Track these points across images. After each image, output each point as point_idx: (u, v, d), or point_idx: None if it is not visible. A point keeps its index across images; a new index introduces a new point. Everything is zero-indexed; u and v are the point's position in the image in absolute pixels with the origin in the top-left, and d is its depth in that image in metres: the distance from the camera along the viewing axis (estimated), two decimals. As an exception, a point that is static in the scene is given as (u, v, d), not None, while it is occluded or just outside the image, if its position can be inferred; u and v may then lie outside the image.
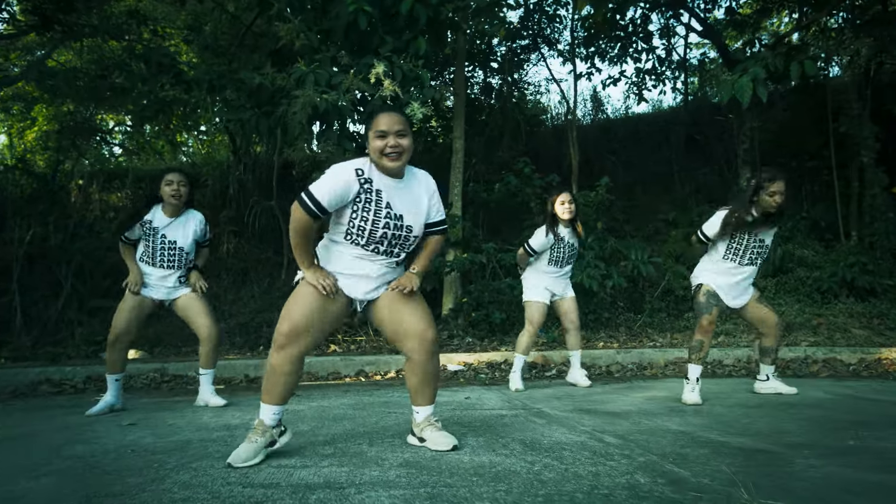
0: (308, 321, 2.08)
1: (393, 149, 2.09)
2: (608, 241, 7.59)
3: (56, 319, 7.52)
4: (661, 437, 2.29)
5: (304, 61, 5.64)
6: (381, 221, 2.12)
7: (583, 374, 4.27)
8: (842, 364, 5.03)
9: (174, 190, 3.34)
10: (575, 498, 1.52)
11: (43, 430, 2.81)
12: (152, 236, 3.37)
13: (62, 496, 1.63)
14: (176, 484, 1.74)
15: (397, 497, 1.56)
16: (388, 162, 2.11)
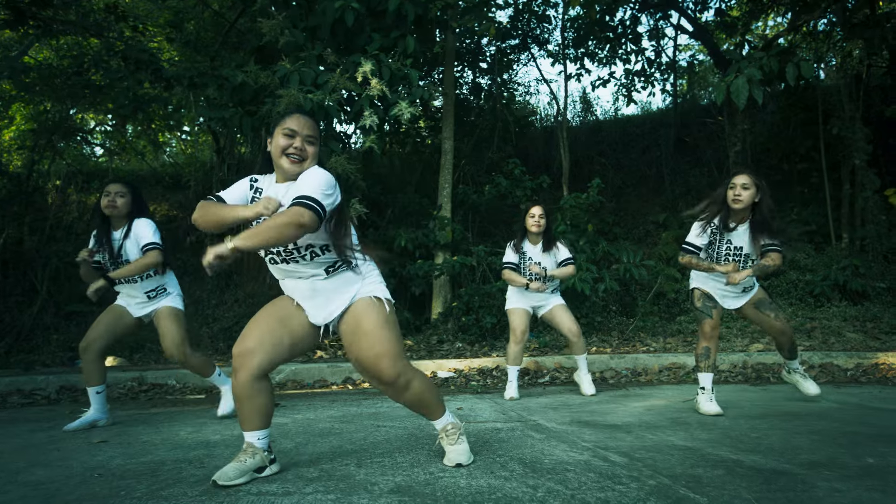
0: (259, 338, 1.93)
1: (297, 150, 1.95)
2: (600, 243, 7.48)
3: (31, 325, 7.26)
4: (668, 455, 2.16)
5: (288, 59, 5.47)
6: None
7: (589, 381, 4.12)
8: (839, 369, 4.95)
9: (107, 201, 3.09)
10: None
11: (3, 450, 2.61)
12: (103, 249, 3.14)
13: (13, 534, 1.45)
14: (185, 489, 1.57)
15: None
16: (287, 164, 1.95)
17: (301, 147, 1.94)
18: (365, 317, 1.98)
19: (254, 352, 1.91)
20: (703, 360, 3.24)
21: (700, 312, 3.32)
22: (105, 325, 3.16)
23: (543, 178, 7.63)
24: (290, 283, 2.06)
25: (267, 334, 1.94)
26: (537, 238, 4.08)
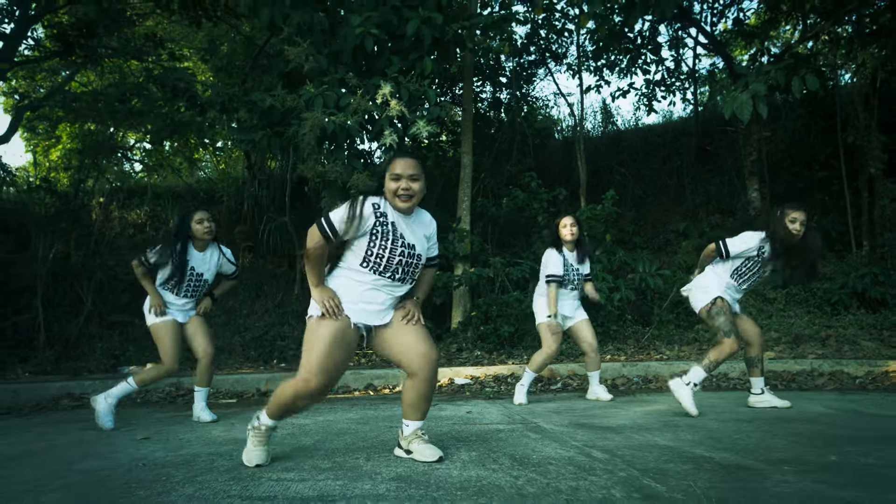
0: (335, 369, 2.23)
1: (405, 191, 2.26)
2: (617, 253, 7.64)
3: (77, 335, 7.75)
4: (647, 453, 2.36)
5: (313, 83, 5.82)
6: (397, 250, 2.29)
7: (603, 389, 4.31)
8: (848, 377, 5.02)
9: (207, 227, 3.58)
10: (550, 512, 1.61)
11: (59, 444, 2.96)
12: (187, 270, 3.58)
13: (75, 508, 1.76)
14: (181, 497, 1.86)
15: None
16: (399, 203, 2.28)
17: (407, 187, 2.27)
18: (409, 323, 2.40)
19: (328, 384, 2.24)
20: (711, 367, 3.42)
21: (726, 329, 3.41)
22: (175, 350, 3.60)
23: (560, 191, 7.84)
24: (370, 295, 2.34)
25: (341, 363, 2.26)
26: (572, 246, 4.30)
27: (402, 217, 2.34)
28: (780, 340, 6.45)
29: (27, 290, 7.90)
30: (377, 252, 2.27)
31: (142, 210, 10.47)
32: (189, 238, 3.63)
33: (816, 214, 8.73)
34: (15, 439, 3.16)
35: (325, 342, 2.20)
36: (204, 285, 3.71)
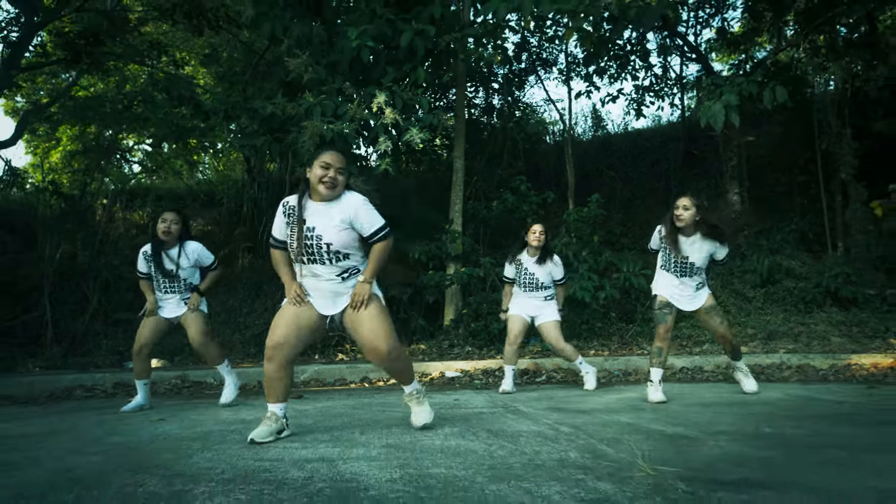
0: (286, 336, 2.59)
1: (330, 180, 2.57)
2: (603, 253, 7.96)
3: (83, 332, 8.04)
4: (608, 428, 2.69)
5: (312, 93, 6.14)
6: (295, 234, 2.61)
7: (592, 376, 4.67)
8: (813, 370, 5.35)
9: (164, 227, 3.86)
10: (513, 467, 1.93)
11: (83, 424, 3.27)
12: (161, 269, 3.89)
13: (111, 468, 2.07)
14: (202, 459, 2.17)
15: (374, 466, 1.98)
16: (321, 188, 2.58)
17: (333, 177, 2.56)
18: (367, 312, 2.62)
19: (282, 346, 2.57)
20: (656, 358, 3.77)
21: (658, 317, 3.85)
22: (149, 333, 3.93)
23: (548, 194, 8.17)
24: (310, 283, 2.67)
25: (293, 332, 2.59)
26: (535, 251, 4.67)
27: (316, 204, 2.62)
28: (755, 336, 6.79)
29: (35, 289, 8.19)
30: (289, 242, 2.65)
31: (144, 211, 10.76)
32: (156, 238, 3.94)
33: (796, 217, 9.09)
34: (40, 422, 3.46)
35: (282, 316, 2.63)
36: (181, 280, 3.94)
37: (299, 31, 6.07)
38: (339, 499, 1.58)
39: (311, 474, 1.88)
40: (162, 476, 1.91)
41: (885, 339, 6.18)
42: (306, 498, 1.60)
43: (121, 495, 1.68)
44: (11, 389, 5.17)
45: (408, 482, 1.75)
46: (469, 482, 1.73)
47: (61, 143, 13.56)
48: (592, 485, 1.67)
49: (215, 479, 1.85)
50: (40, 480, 1.89)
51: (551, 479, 1.74)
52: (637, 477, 1.74)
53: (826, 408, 3.23)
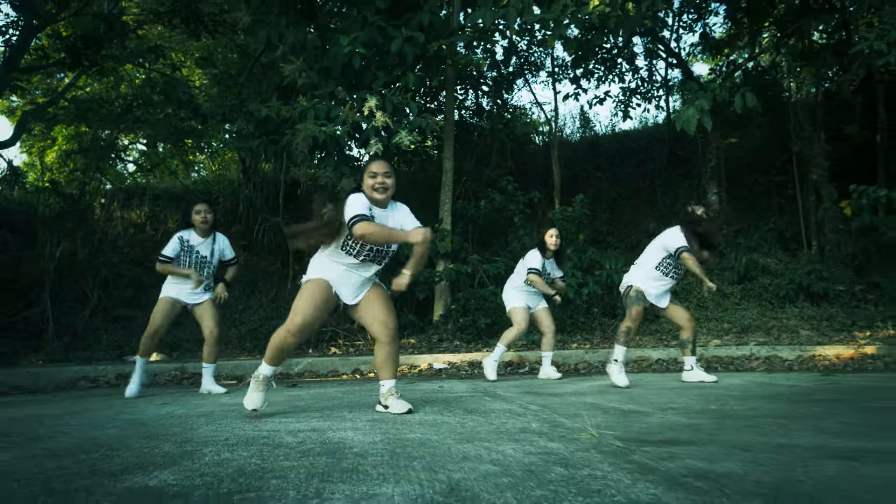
0: (315, 316, 2.86)
1: (381, 185, 2.85)
2: (587, 251, 8.27)
3: (84, 327, 8.28)
4: (574, 406, 2.98)
5: (305, 97, 6.41)
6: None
7: (553, 369, 4.99)
8: (780, 361, 5.67)
9: (202, 217, 4.17)
10: (480, 433, 2.22)
11: (95, 407, 3.54)
12: (189, 252, 4.16)
13: (128, 437, 2.34)
14: (207, 430, 2.45)
15: (359, 433, 2.27)
16: (376, 195, 2.86)
17: (382, 182, 2.86)
18: (380, 297, 2.99)
19: (309, 326, 2.86)
20: (624, 336, 4.10)
21: (632, 300, 4.17)
22: (164, 317, 4.16)
23: (534, 194, 8.47)
24: (345, 275, 2.92)
25: (318, 315, 2.88)
26: (551, 254, 5.04)
27: (378, 210, 2.90)
28: (730, 330, 7.12)
29: (36, 285, 8.42)
30: (353, 240, 2.85)
31: (141, 210, 10.98)
32: (191, 226, 4.28)
33: (774, 216, 9.44)
34: (54, 406, 3.73)
35: (309, 297, 2.86)
36: (207, 266, 4.30)
37: (294, 38, 6.33)
38: (328, 454, 1.87)
39: (304, 440, 2.16)
40: (174, 442, 2.19)
41: (851, 332, 6.51)
42: (299, 454, 1.88)
43: (140, 454, 1.95)
44: (19, 380, 5.42)
45: (387, 443, 2.04)
46: (439, 443, 2.02)
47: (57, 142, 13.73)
48: (544, 444, 1.96)
49: (220, 443, 2.14)
50: (70, 445, 2.17)
51: (510, 441, 2.03)
52: (583, 438, 2.04)
53: (775, 390, 3.54)
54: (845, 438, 1.95)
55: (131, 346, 7.93)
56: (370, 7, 6.68)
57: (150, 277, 9.10)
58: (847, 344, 5.84)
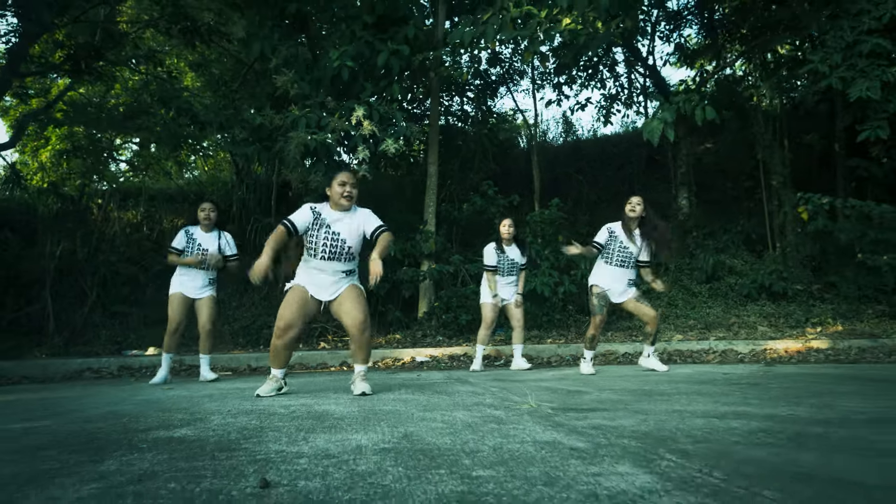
0: (294, 318, 3.29)
1: (348, 193, 3.30)
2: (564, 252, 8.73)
3: (83, 323, 8.65)
4: (529, 389, 3.43)
5: (297, 106, 6.83)
6: (322, 237, 3.30)
7: (523, 361, 5.43)
8: (735, 353, 6.16)
9: (205, 214, 4.63)
10: (441, 406, 2.66)
11: (107, 391, 3.95)
12: (192, 245, 4.62)
13: (145, 411, 2.76)
14: (212, 406, 2.88)
15: (340, 406, 2.71)
16: (343, 201, 3.32)
17: (349, 192, 3.31)
18: (352, 295, 3.37)
19: (292, 327, 3.28)
20: (589, 342, 4.57)
21: (595, 308, 4.62)
22: (181, 313, 4.62)
23: (514, 197, 8.93)
24: (316, 276, 3.34)
25: (299, 316, 3.30)
26: (509, 242, 5.44)
27: (337, 214, 3.34)
28: (694, 327, 7.61)
29: (36, 283, 8.78)
30: (310, 241, 3.32)
31: (137, 211, 11.34)
32: (197, 222, 4.76)
33: (743, 219, 9.95)
34: (68, 391, 4.13)
35: (290, 302, 3.30)
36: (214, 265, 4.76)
37: (286, 52, 6.75)
38: (313, 418, 2.31)
39: (294, 410, 2.60)
40: (185, 412, 2.62)
41: (804, 328, 7.02)
42: (290, 419, 2.32)
43: (159, 420, 2.38)
44: (28, 370, 5.81)
45: (362, 412, 2.48)
46: (405, 412, 2.47)
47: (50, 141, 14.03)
48: (489, 412, 2.41)
49: (224, 413, 2.57)
50: (99, 415, 2.59)
51: (463, 410, 2.48)
52: (523, 408, 2.49)
53: (711, 377, 4.01)
54: (733, 406, 2.41)
55: (129, 341, 8.33)
56: (358, 22, 7.10)
57: (146, 275, 9.50)
58: (797, 338, 6.34)
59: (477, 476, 1.29)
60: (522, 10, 6.62)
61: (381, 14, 7.22)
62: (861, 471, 1.31)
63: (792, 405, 2.41)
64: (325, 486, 1.24)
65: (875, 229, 6.67)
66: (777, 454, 1.48)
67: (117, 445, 1.82)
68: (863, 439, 1.66)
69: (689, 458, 1.45)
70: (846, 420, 1.98)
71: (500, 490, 1.17)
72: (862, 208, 6.59)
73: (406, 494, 1.16)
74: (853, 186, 8.48)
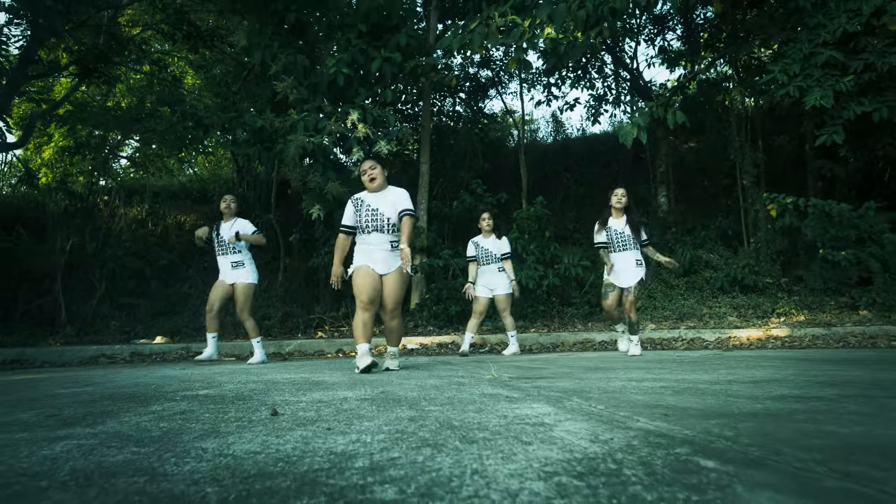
0: (374, 294, 3.74)
1: (370, 176, 3.82)
2: (550, 247, 9.22)
3: (92, 314, 9.12)
4: (500, 366, 3.92)
5: (296, 110, 7.29)
6: (365, 214, 3.79)
7: (517, 347, 5.93)
8: (701, 341, 6.66)
9: (225, 205, 5.22)
10: (419, 377, 3.14)
11: (126, 373, 4.42)
12: (217, 233, 5.16)
13: (168, 381, 3.24)
14: (223, 378, 3.36)
15: (333, 377, 3.19)
16: (369, 184, 3.82)
17: (370, 176, 3.81)
18: (396, 282, 3.83)
19: (374, 301, 3.74)
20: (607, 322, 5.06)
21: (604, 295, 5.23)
22: (217, 295, 5.16)
23: (502, 195, 9.41)
24: (372, 254, 3.79)
25: (376, 290, 3.76)
26: (488, 234, 5.93)
27: (372, 195, 3.85)
28: (669, 317, 8.10)
29: (47, 276, 9.24)
30: (360, 221, 3.81)
31: (142, 207, 11.80)
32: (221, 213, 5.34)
33: (721, 216, 10.44)
34: (90, 372, 4.61)
35: (363, 281, 3.72)
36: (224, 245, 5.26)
37: (286, 59, 7.20)
38: (310, 385, 2.79)
39: (295, 379, 3.09)
40: (202, 382, 3.10)
41: (769, 317, 7.51)
42: (291, 385, 2.80)
43: (182, 386, 2.86)
44: (47, 357, 6.29)
45: (350, 380, 2.97)
46: (387, 380, 2.95)
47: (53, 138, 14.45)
48: (457, 380, 2.89)
49: (235, 382, 3.05)
50: (128, 385, 3.07)
51: (436, 379, 2.96)
52: (486, 378, 2.97)
53: (663, 359, 4.50)
54: (658, 375, 2.89)
55: (137, 331, 8.80)
56: (353, 30, 7.55)
57: (151, 269, 9.97)
58: (759, 327, 6.83)
59: (428, 409, 1.77)
60: (507, 19, 7.08)
61: (375, 23, 7.67)
62: (705, 406, 1.79)
63: (703, 373, 2.89)
64: (317, 415, 1.72)
65: (835, 227, 7.15)
66: (653, 398, 1.96)
67: (155, 399, 2.29)
68: (731, 392, 2.13)
69: (589, 400, 1.93)
70: (734, 382, 2.47)
71: (441, 415, 1.65)
72: (823, 207, 7.07)
73: (374, 417, 1.64)
74: (820, 186, 8.96)
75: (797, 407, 1.67)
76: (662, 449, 1.11)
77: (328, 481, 0.95)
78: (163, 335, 8.38)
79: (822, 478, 0.88)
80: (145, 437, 1.41)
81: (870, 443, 1.12)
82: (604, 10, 6.25)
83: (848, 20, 6.07)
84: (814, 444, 1.12)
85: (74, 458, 1.18)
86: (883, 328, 6.27)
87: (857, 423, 1.36)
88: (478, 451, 1.15)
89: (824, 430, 1.27)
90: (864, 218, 7.09)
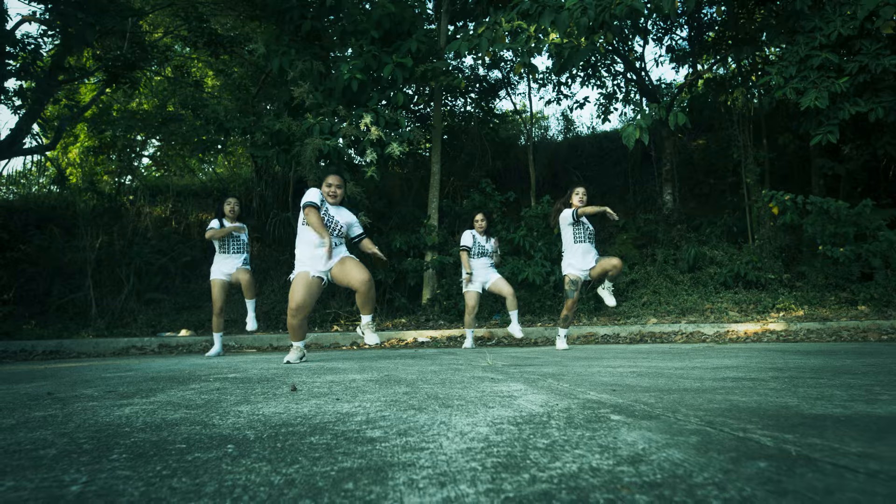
0: (305, 298, 4.09)
1: (332, 194, 4.12)
2: (558, 245, 9.50)
3: (121, 309, 9.62)
4: (497, 356, 4.25)
5: (312, 114, 7.66)
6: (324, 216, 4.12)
7: (518, 328, 6.24)
8: (700, 335, 6.91)
9: (230, 208, 5.48)
10: (421, 364, 3.49)
11: (157, 361, 4.83)
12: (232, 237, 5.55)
13: (198, 368, 3.61)
14: (246, 365, 3.74)
15: (342, 362, 3.54)
16: (329, 199, 4.15)
17: (334, 192, 4.15)
18: (352, 261, 4.16)
19: (305, 307, 4.08)
20: (563, 322, 5.34)
21: (567, 292, 5.41)
22: (220, 296, 5.51)
23: (510, 194, 9.71)
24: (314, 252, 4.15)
25: (308, 296, 4.10)
26: (482, 231, 6.29)
27: (331, 206, 4.19)
28: (672, 312, 8.35)
29: (79, 273, 9.76)
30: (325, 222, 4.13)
31: (165, 206, 12.30)
32: (223, 215, 5.63)
33: (727, 212, 10.63)
34: (123, 360, 5.03)
35: (299, 285, 4.09)
36: (241, 243, 5.65)
37: (302, 66, 7.57)
38: (325, 370, 3.15)
39: (311, 366, 3.45)
40: (227, 368, 3.47)
41: (769, 312, 7.73)
42: (308, 370, 3.16)
43: (210, 371, 3.24)
44: (82, 348, 6.75)
45: (361, 366, 3.32)
46: (392, 366, 3.30)
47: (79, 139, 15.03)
48: (455, 367, 3.23)
49: (257, 368, 3.42)
50: (162, 370, 3.46)
51: (436, 366, 3.30)
52: (481, 365, 3.30)
53: (654, 350, 4.79)
54: (639, 363, 3.20)
55: (163, 324, 9.28)
56: (366, 37, 7.90)
57: (175, 266, 10.45)
58: (757, 322, 7.07)
59: (421, 387, 2.12)
60: (514, 25, 7.37)
61: (387, 29, 8.00)
62: (652, 385, 2.10)
63: (678, 362, 3.20)
64: (329, 390, 2.07)
65: (833, 223, 7.35)
66: (616, 380, 2.27)
67: (192, 380, 2.67)
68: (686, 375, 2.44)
69: (560, 381, 2.26)
70: (697, 368, 2.77)
71: (431, 390, 1.99)
72: (822, 204, 7.27)
73: (375, 391, 1.98)
74: (824, 184, 9.12)
75: (729, 385, 1.98)
76: (590, 410, 1.43)
77: (334, 428, 1.29)
78: (187, 328, 8.83)
79: (687, 425, 1.20)
80: (192, 404, 1.78)
81: (754, 407, 1.43)
82: (605, 16, 6.52)
83: (843, 23, 6.27)
84: (710, 407, 1.44)
85: (143, 416, 1.54)
86: (876, 322, 6.47)
87: (761, 395, 1.67)
88: (450, 412, 1.49)
89: (729, 399, 1.58)
90: (861, 215, 7.28)
